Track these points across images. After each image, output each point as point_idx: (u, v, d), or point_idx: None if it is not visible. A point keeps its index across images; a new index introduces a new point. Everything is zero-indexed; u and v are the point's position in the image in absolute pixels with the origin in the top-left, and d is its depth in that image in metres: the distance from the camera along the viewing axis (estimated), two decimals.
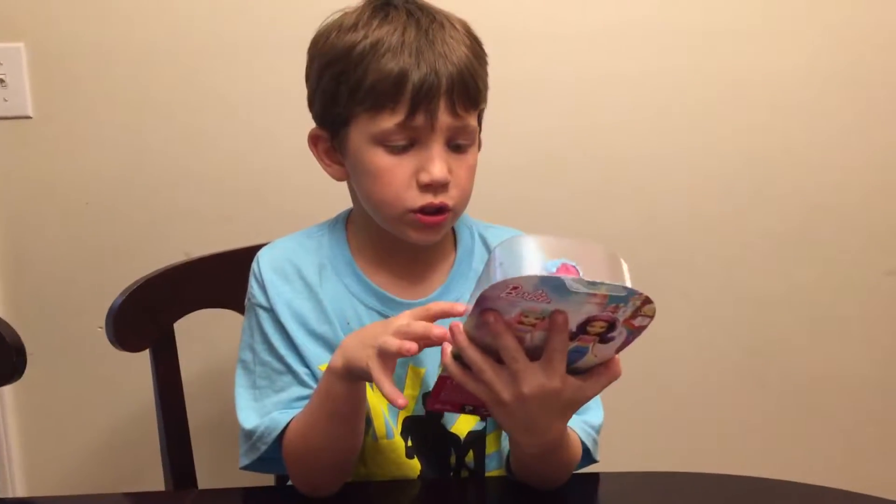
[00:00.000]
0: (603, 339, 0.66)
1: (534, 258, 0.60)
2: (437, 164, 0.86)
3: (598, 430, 0.95)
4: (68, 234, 1.40)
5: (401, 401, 0.75)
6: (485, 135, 0.96)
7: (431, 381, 0.94)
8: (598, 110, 1.39)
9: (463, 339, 0.69)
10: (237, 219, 1.38)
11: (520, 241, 0.61)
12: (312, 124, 0.95)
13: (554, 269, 0.59)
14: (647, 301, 0.62)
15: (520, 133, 1.38)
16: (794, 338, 1.49)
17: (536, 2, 1.36)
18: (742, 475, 0.92)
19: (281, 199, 1.38)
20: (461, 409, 0.79)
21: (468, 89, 0.87)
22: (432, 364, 0.96)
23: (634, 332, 0.66)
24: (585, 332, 0.65)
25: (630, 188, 1.43)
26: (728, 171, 1.43)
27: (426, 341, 0.75)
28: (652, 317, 0.64)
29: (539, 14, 1.36)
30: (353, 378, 0.81)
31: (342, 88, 0.88)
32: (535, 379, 0.68)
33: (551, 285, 0.60)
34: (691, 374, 1.50)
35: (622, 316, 0.64)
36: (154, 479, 1.15)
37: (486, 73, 0.92)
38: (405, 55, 0.85)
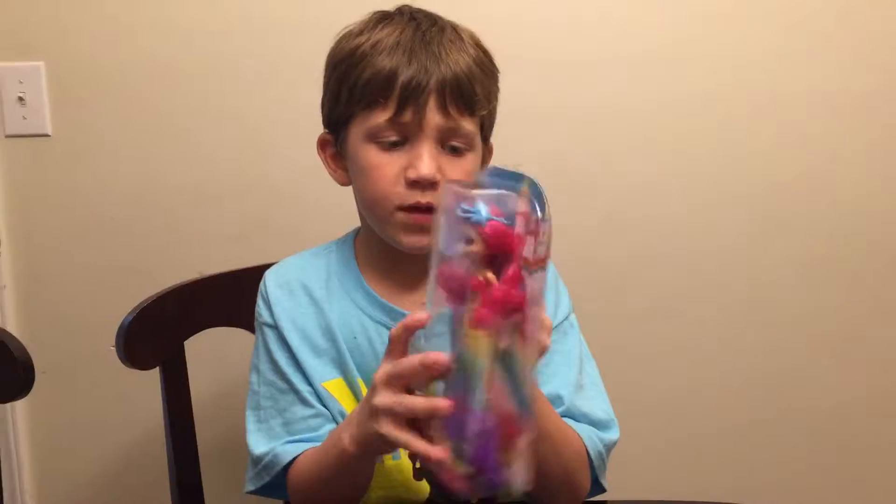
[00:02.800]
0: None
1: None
2: (425, 161, 0.86)
3: (608, 447, 0.92)
4: (83, 251, 1.40)
5: (438, 453, 0.65)
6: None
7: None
8: (613, 132, 1.38)
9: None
10: (251, 238, 1.38)
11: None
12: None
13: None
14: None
15: (530, 153, 1.36)
16: (819, 363, 1.45)
17: (551, 30, 1.36)
18: None
19: (296, 218, 1.37)
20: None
21: (462, 91, 0.88)
22: None
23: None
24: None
25: (647, 210, 1.41)
26: (750, 192, 1.41)
27: (424, 371, 0.68)
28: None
29: (553, 41, 1.36)
30: (369, 454, 0.80)
31: (343, 89, 0.90)
32: None
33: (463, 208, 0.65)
34: (711, 401, 1.46)
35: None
36: (163, 500, 1.13)
37: (490, 82, 0.93)
38: (399, 54, 0.87)
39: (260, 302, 0.96)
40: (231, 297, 1.13)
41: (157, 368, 1.09)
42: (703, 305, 1.43)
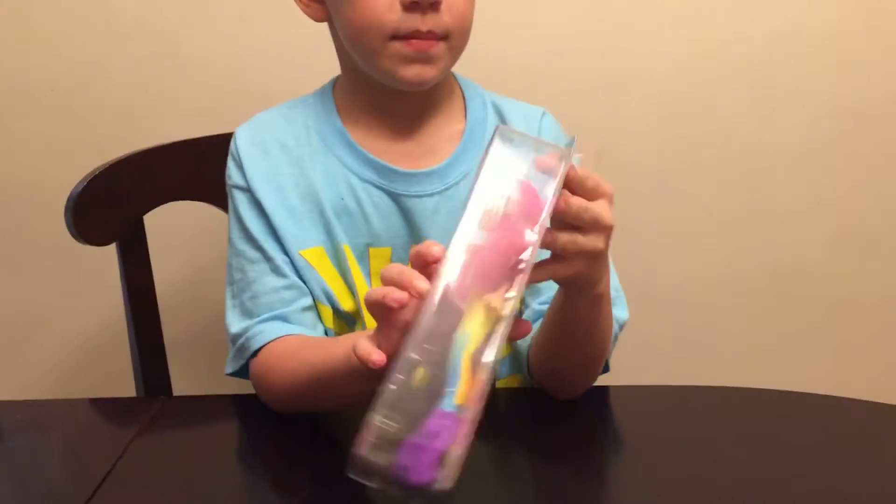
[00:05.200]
0: None
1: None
2: None
3: (621, 327, 0.85)
4: (32, 123, 1.27)
5: (374, 356, 0.57)
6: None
7: None
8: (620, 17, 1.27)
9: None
10: (216, 110, 1.25)
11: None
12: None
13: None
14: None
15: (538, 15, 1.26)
16: (821, 256, 1.38)
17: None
18: (762, 388, 0.84)
19: (266, 87, 1.24)
20: None
21: None
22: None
23: None
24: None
25: (649, 92, 1.30)
26: (753, 75, 1.30)
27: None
28: None
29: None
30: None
31: None
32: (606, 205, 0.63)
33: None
34: (712, 292, 1.39)
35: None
36: (129, 390, 1.05)
37: None
38: None
39: (230, 163, 0.87)
40: (194, 168, 1.02)
41: (115, 247, 0.99)
42: (701, 195, 1.35)
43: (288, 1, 0.85)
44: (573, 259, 0.63)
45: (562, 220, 0.61)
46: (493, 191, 0.57)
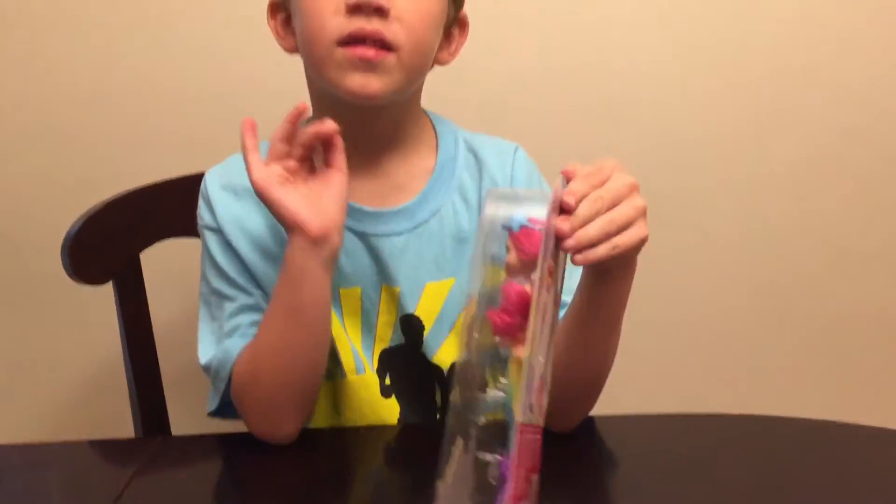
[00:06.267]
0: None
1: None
2: None
3: None
4: (28, 164, 1.28)
5: (328, 127, 0.74)
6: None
7: (408, 302, 0.85)
8: (611, 33, 1.28)
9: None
10: (210, 145, 1.23)
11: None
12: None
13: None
14: None
15: (526, 44, 1.27)
16: (815, 272, 1.38)
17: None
18: (759, 414, 0.83)
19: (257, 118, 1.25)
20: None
21: None
22: (407, 282, 0.85)
23: None
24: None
25: (640, 108, 1.31)
26: (744, 90, 1.31)
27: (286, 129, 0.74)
28: None
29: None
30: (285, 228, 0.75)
31: None
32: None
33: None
34: (704, 309, 1.39)
35: None
36: (127, 429, 1.05)
37: None
38: None
39: (201, 203, 0.86)
40: (188, 205, 1.01)
41: (112, 285, 0.99)
42: (693, 211, 1.35)
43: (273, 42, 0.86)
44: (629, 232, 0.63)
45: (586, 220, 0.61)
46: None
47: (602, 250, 0.61)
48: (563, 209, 0.60)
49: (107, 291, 1.00)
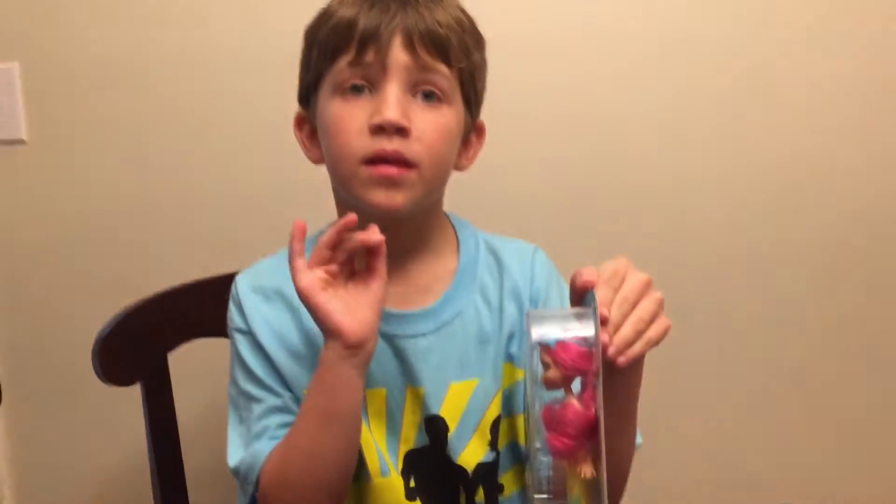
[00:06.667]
0: None
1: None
2: (390, 104, 0.78)
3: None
4: (62, 262, 1.31)
5: (375, 237, 0.76)
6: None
7: (433, 403, 0.86)
8: (625, 119, 1.30)
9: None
10: (239, 243, 1.29)
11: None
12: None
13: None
14: None
15: (535, 135, 1.30)
16: (844, 365, 1.36)
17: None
18: None
19: (285, 221, 1.27)
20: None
21: (432, 35, 0.80)
22: (431, 383, 0.86)
23: None
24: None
25: (656, 200, 1.32)
26: (763, 179, 1.32)
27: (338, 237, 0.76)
28: None
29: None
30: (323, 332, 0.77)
31: (312, 52, 0.84)
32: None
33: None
34: (733, 405, 1.38)
35: None
36: None
37: (471, 40, 0.85)
38: (365, 4, 0.81)
39: (232, 307, 0.89)
40: (216, 305, 1.03)
41: (139, 384, 1.00)
42: (712, 301, 1.35)
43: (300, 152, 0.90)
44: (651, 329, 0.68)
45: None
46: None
47: (638, 347, 0.66)
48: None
49: (134, 389, 1.01)
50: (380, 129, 0.78)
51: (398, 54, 0.79)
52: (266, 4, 1.25)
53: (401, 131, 0.78)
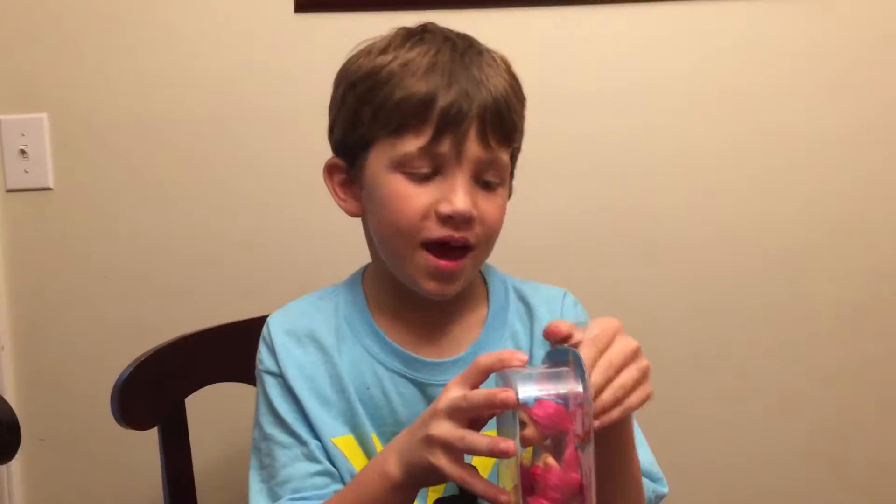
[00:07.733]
0: None
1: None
2: (461, 195, 0.78)
3: (658, 499, 0.84)
4: (86, 308, 1.33)
5: (503, 497, 0.64)
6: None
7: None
8: (647, 183, 1.33)
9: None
10: (259, 292, 1.31)
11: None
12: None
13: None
14: None
15: (561, 204, 1.32)
16: (865, 418, 1.36)
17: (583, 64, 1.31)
18: None
19: (303, 271, 1.31)
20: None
21: (503, 120, 0.80)
22: None
23: None
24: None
25: (679, 260, 1.34)
26: (788, 239, 1.34)
27: (491, 410, 0.66)
28: None
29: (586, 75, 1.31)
30: (416, 485, 0.72)
31: (366, 109, 0.82)
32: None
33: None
34: (751, 457, 1.36)
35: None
36: None
37: (523, 113, 0.86)
38: (436, 75, 0.79)
39: (263, 348, 0.88)
40: (234, 350, 1.05)
41: (157, 429, 1.02)
42: (736, 359, 1.35)
43: (327, 196, 0.90)
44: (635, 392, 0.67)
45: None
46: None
47: (615, 413, 0.65)
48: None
49: (151, 434, 1.02)
50: (449, 219, 0.79)
51: (473, 147, 0.79)
52: (288, 63, 1.29)
53: (468, 221, 0.79)
